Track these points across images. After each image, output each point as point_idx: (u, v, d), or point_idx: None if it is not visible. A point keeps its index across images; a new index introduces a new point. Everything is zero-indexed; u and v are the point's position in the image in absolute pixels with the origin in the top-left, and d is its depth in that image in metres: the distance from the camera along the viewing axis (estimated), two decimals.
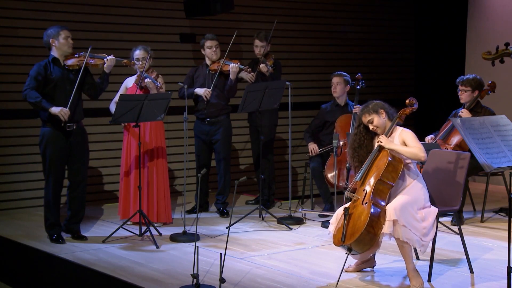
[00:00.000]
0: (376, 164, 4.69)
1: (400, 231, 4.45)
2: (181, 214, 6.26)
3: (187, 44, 7.96)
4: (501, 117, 3.90)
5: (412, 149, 4.63)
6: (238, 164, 8.35)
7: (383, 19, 9.43)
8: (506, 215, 6.76)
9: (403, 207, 4.49)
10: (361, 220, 4.53)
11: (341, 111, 6.95)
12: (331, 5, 8.96)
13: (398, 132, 4.78)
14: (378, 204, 4.56)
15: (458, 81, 6.57)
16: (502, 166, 3.63)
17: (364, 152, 4.82)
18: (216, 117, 6.77)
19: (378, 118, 4.75)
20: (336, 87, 6.93)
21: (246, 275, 4.91)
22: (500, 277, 4.69)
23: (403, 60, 9.68)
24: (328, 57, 8.85)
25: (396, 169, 4.62)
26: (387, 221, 4.47)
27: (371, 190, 4.61)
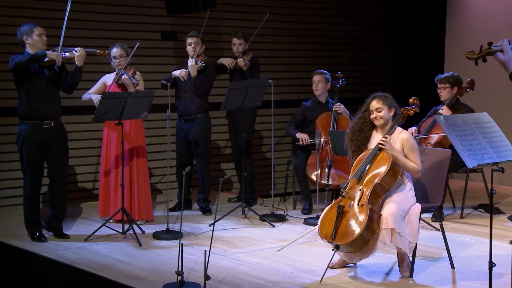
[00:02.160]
0: (376, 165, 4.69)
1: (397, 239, 4.50)
2: (163, 212, 6.25)
3: (168, 42, 7.94)
4: (483, 114, 3.95)
5: (413, 166, 4.70)
6: (220, 162, 8.35)
7: (364, 17, 9.49)
8: (485, 211, 6.86)
9: (397, 214, 4.52)
10: (357, 223, 4.53)
11: (322, 109, 7.00)
12: (313, 3, 9.00)
13: (398, 133, 4.80)
14: (374, 209, 4.57)
15: (437, 79, 6.68)
16: (485, 163, 3.69)
17: (362, 138, 4.85)
18: (192, 114, 6.76)
19: (387, 112, 4.78)
20: (318, 85, 6.97)
21: (230, 272, 4.92)
22: (481, 272, 4.76)
23: (384, 58, 9.75)
24: (309, 55, 8.89)
25: (396, 174, 4.65)
26: (384, 229, 4.50)
27: (369, 193, 4.60)
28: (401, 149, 4.75)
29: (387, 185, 4.64)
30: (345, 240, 4.52)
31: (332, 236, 4.56)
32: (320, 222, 4.73)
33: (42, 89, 5.67)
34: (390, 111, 4.79)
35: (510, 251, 4.22)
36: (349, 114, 6.91)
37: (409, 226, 4.56)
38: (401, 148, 4.75)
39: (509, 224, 6.33)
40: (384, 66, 9.76)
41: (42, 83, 5.69)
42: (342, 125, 6.84)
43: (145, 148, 6.47)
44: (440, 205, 5.39)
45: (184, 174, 4.81)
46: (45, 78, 5.69)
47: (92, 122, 6.32)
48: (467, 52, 2.90)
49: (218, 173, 8.03)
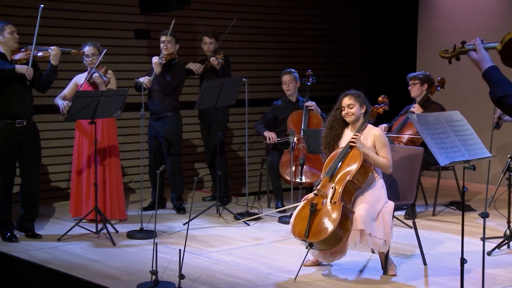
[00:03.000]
0: (348, 163, 4.72)
1: (367, 240, 4.54)
2: (137, 211, 6.22)
3: (142, 40, 7.90)
4: (455, 113, 3.99)
5: (383, 162, 4.74)
6: (194, 161, 8.33)
7: (337, 16, 9.53)
8: (457, 208, 6.95)
9: (368, 215, 4.55)
10: (330, 221, 4.55)
11: (293, 108, 7.03)
12: (286, 2, 9.02)
13: (370, 130, 4.85)
14: (346, 206, 4.60)
15: (408, 77, 6.81)
16: (456, 161, 3.73)
17: (332, 135, 4.91)
18: (161, 113, 6.73)
19: (358, 109, 4.83)
20: (290, 85, 7.00)
21: (205, 271, 4.92)
22: (453, 268, 4.82)
23: (357, 57, 9.81)
24: (282, 54, 8.91)
25: (367, 171, 4.69)
26: (354, 230, 4.53)
27: (341, 190, 4.63)
28: (373, 146, 4.79)
29: (359, 182, 4.69)
30: (319, 237, 4.54)
31: (306, 234, 4.58)
32: (293, 221, 4.75)
33: (15, 88, 5.61)
34: (362, 108, 4.84)
35: (481, 248, 4.28)
36: (320, 111, 6.95)
37: (382, 224, 4.60)
38: (372, 144, 4.79)
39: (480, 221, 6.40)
40: (357, 65, 9.82)
41: (15, 82, 5.62)
42: (313, 122, 6.88)
43: (118, 147, 6.43)
44: (412, 203, 5.45)
45: (158, 173, 4.80)
46: (18, 77, 5.62)
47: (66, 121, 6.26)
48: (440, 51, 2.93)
49: (192, 172, 8.01)
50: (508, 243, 5.42)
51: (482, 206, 6.82)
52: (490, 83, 2.76)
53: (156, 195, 5.89)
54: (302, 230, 4.63)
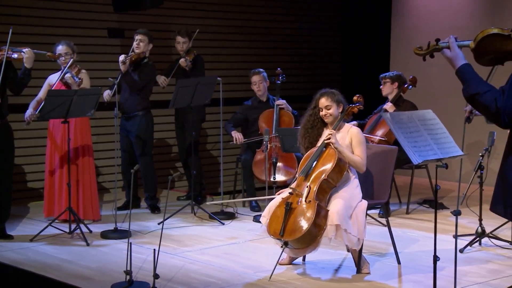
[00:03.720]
0: (322, 162, 4.74)
1: (342, 235, 4.54)
2: (112, 210, 6.18)
3: (115, 39, 7.84)
4: (428, 111, 4.03)
5: (357, 160, 4.76)
6: (168, 160, 8.30)
7: (311, 15, 9.57)
8: (430, 206, 7.01)
9: (344, 211, 4.56)
10: (305, 220, 4.56)
11: (264, 107, 7.04)
12: (260, 1, 9.03)
13: (347, 129, 4.87)
14: (321, 205, 4.62)
15: (380, 76, 6.93)
16: (429, 159, 3.76)
17: (315, 134, 4.90)
18: (131, 112, 6.70)
19: (336, 109, 4.84)
20: (260, 85, 7.02)
21: (180, 271, 4.90)
22: (426, 266, 4.85)
23: (331, 56, 9.85)
24: (257, 53, 8.92)
25: (342, 170, 4.71)
26: (330, 225, 4.54)
27: (316, 189, 4.64)
28: (349, 143, 4.81)
29: (334, 181, 4.71)
30: (293, 236, 4.55)
31: (281, 233, 4.58)
32: (268, 220, 4.76)
33: None
34: (339, 107, 4.86)
35: (453, 245, 4.32)
36: (291, 109, 6.97)
37: (356, 223, 4.62)
38: (349, 141, 4.81)
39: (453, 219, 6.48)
40: (331, 64, 9.86)
41: None
42: (285, 121, 6.90)
43: (92, 146, 6.38)
44: (386, 201, 5.49)
45: (132, 173, 4.77)
46: None
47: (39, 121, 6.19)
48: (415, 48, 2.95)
49: (167, 172, 7.98)
50: (479, 240, 5.49)
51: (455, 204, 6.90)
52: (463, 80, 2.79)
53: (130, 195, 5.85)
54: (277, 229, 4.63)
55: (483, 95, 2.69)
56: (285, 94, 7.17)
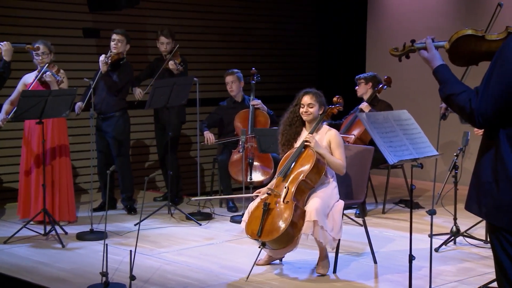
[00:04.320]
0: (301, 163, 4.74)
1: (319, 232, 4.54)
2: (87, 212, 6.13)
3: (91, 39, 7.79)
4: (403, 112, 4.06)
5: (337, 162, 4.76)
6: (145, 161, 8.26)
7: (287, 15, 9.59)
8: (406, 206, 7.07)
9: (321, 208, 4.57)
10: (282, 220, 4.56)
11: (239, 107, 7.04)
12: (236, 1, 9.03)
13: (325, 131, 4.86)
14: (298, 206, 4.63)
15: (355, 78, 6.99)
16: (405, 159, 3.79)
17: (293, 132, 4.89)
18: (108, 113, 6.66)
19: (317, 109, 4.84)
20: (232, 85, 7.02)
21: (156, 272, 4.88)
22: (402, 265, 4.89)
23: (307, 56, 9.89)
24: (234, 53, 8.91)
25: (320, 171, 4.72)
26: (307, 221, 4.54)
27: (294, 190, 4.64)
28: (328, 146, 4.82)
29: (312, 182, 4.72)
30: (271, 236, 4.56)
31: (258, 234, 4.59)
32: (246, 220, 4.76)
33: None
34: (320, 108, 4.86)
35: (429, 245, 4.36)
36: (267, 109, 6.98)
37: (332, 222, 4.64)
38: (327, 144, 4.82)
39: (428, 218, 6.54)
40: (307, 64, 9.89)
41: None
42: (260, 121, 6.91)
43: (68, 147, 6.33)
44: (363, 201, 5.52)
45: (108, 174, 4.74)
46: None
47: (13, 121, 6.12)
48: (390, 49, 2.96)
49: (143, 172, 7.94)
50: (454, 239, 5.54)
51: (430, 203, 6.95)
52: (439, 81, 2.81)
53: (106, 196, 5.81)
54: (254, 229, 4.64)
55: (458, 95, 2.71)
56: (260, 94, 7.17)
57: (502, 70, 2.62)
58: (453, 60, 2.84)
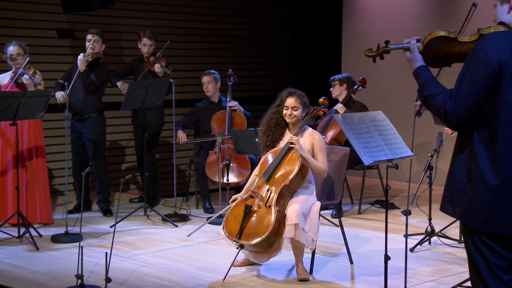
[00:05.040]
0: (285, 167, 4.68)
1: (301, 235, 4.52)
2: (62, 214, 6.08)
3: (65, 40, 7.72)
4: (378, 113, 4.09)
5: (320, 166, 4.71)
6: (121, 162, 8.21)
7: (263, 17, 9.60)
8: (381, 206, 7.11)
9: (301, 211, 4.56)
10: (264, 225, 4.53)
11: (215, 108, 7.03)
12: (213, 2, 9.02)
13: (309, 133, 4.82)
14: (280, 211, 4.60)
15: (330, 79, 7.04)
16: (380, 160, 3.82)
17: (279, 133, 4.82)
18: (85, 114, 6.61)
19: (301, 112, 4.80)
20: (208, 86, 7.01)
21: (132, 274, 4.85)
22: (378, 265, 4.92)
23: (282, 57, 9.90)
24: (210, 54, 8.90)
25: (304, 176, 4.69)
26: (288, 225, 4.51)
27: (276, 195, 4.60)
28: (311, 149, 4.78)
29: (295, 186, 4.68)
30: (251, 240, 4.53)
31: (238, 235, 4.55)
32: (225, 219, 4.71)
33: None
34: (304, 110, 4.82)
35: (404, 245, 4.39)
36: (244, 111, 6.98)
37: (310, 223, 4.64)
38: (310, 147, 4.78)
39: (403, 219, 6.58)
40: (283, 65, 9.91)
41: None
42: (237, 122, 6.90)
43: (44, 148, 6.27)
44: (339, 202, 5.54)
45: (83, 175, 4.70)
46: None
47: None
48: (365, 50, 2.98)
49: (120, 174, 7.90)
50: (429, 239, 5.59)
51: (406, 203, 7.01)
52: (418, 82, 2.85)
53: (81, 198, 5.77)
54: (234, 230, 4.59)
55: (435, 97, 2.74)
56: (237, 95, 7.17)
57: (474, 72, 2.65)
58: (426, 61, 2.87)
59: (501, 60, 2.60)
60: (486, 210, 2.67)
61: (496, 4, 2.78)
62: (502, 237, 2.68)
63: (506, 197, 2.64)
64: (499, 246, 2.69)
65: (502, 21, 2.77)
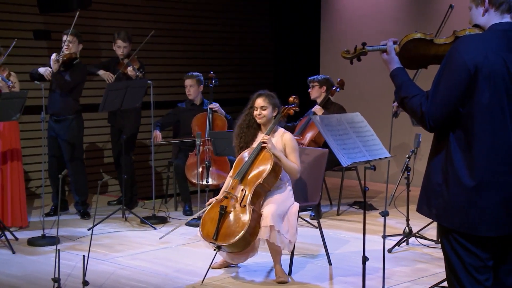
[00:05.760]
0: (258, 165, 4.71)
1: (276, 236, 4.53)
2: (39, 217, 6.02)
3: (41, 41, 7.65)
4: (356, 114, 4.11)
5: (292, 166, 4.74)
6: (99, 165, 8.16)
7: (242, 18, 9.60)
8: (360, 208, 7.14)
9: (277, 213, 4.57)
10: (239, 225, 4.54)
11: (197, 110, 7.01)
12: (191, 4, 9.00)
13: (280, 133, 4.85)
14: (255, 209, 4.61)
15: (308, 80, 7.05)
16: (358, 161, 3.83)
17: (251, 134, 4.87)
18: (62, 115, 6.55)
19: (270, 111, 4.83)
20: (190, 89, 6.99)
21: (110, 277, 4.82)
22: (356, 266, 4.93)
23: (262, 59, 9.92)
24: (189, 56, 8.88)
25: (277, 174, 4.71)
26: (264, 226, 4.52)
27: (251, 194, 4.62)
28: (283, 149, 4.81)
29: (269, 185, 4.70)
30: (227, 240, 4.53)
31: (214, 237, 4.56)
32: (201, 221, 4.72)
33: None
34: (274, 110, 4.85)
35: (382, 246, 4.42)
36: (224, 113, 6.97)
37: (288, 225, 4.65)
38: (282, 148, 4.81)
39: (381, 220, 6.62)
40: (262, 67, 9.93)
41: None
42: (218, 124, 6.89)
43: (20, 151, 6.20)
44: (317, 203, 5.56)
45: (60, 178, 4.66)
46: None
47: None
48: (342, 52, 2.99)
49: (98, 176, 7.85)
50: (407, 240, 5.62)
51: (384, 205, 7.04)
52: (395, 84, 2.86)
53: (58, 200, 5.72)
54: (210, 232, 4.60)
55: (411, 99, 2.76)
56: (216, 97, 7.15)
57: (450, 75, 2.67)
58: (403, 63, 2.89)
59: (476, 63, 2.63)
60: (462, 211, 2.69)
61: (471, 6, 2.81)
62: (478, 237, 2.71)
63: (482, 198, 2.67)
64: (475, 246, 2.72)
65: (477, 24, 2.80)
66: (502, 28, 2.72)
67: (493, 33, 2.72)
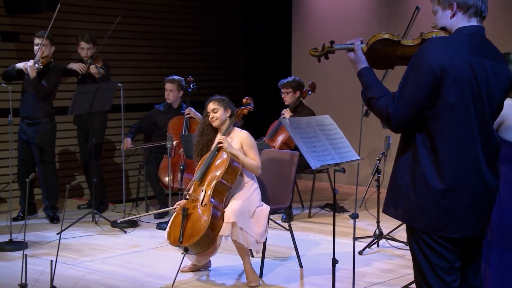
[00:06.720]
0: (215, 165, 4.76)
1: (238, 233, 4.53)
2: (6, 221, 5.93)
3: (10, 43, 7.54)
4: (325, 117, 4.12)
5: (252, 163, 4.79)
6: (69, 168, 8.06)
7: (214, 21, 9.58)
8: (331, 210, 7.15)
9: (240, 210, 4.58)
10: (201, 223, 4.56)
11: (174, 113, 6.98)
12: (163, 6, 8.95)
13: (236, 133, 4.90)
14: (217, 207, 4.62)
15: (280, 84, 6.99)
16: (327, 164, 3.84)
17: (206, 140, 4.94)
18: (35, 118, 6.47)
19: (222, 113, 4.88)
20: (170, 94, 6.95)
21: (79, 282, 4.76)
22: (326, 268, 4.92)
23: (234, 61, 9.90)
24: (160, 59, 8.83)
25: (235, 171, 4.73)
26: (225, 223, 4.54)
27: (210, 192, 4.65)
28: (240, 148, 4.85)
29: (228, 182, 4.73)
30: (191, 240, 4.54)
31: (180, 240, 4.56)
32: (168, 228, 4.73)
33: None
34: (226, 112, 4.91)
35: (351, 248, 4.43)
36: (200, 117, 6.94)
37: (256, 225, 4.64)
38: (240, 146, 4.85)
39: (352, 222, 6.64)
40: (234, 69, 9.91)
41: None
42: (194, 129, 6.83)
43: None
44: (289, 206, 5.55)
45: (27, 182, 4.59)
46: None
47: None
48: (310, 49, 2.98)
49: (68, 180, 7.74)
50: (377, 242, 5.65)
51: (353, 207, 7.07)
52: (362, 83, 2.86)
53: (25, 204, 5.64)
54: (176, 236, 4.62)
55: (378, 99, 2.76)
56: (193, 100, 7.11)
57: (416, 77, 2.68)
58: (370, 63, 2.89)
59: (443, 66, 2.64)
60: (430, 213, 2.70)
61: (436, 10, 2.82)
62: (445, 239, 2.72)
63: (450, 200, 2.68)
64: (442, 248, 2.73)
65: (443, 26, 2.81)
66: (469, 32, 2.74)
67: (460, 36, 2.74)
